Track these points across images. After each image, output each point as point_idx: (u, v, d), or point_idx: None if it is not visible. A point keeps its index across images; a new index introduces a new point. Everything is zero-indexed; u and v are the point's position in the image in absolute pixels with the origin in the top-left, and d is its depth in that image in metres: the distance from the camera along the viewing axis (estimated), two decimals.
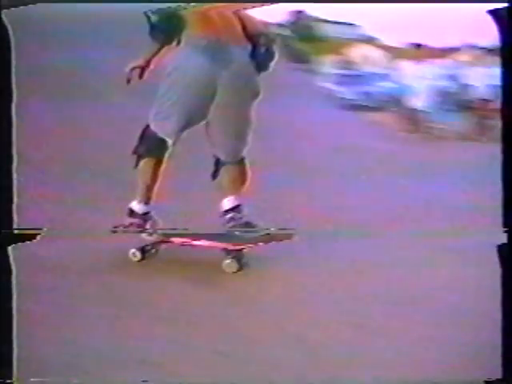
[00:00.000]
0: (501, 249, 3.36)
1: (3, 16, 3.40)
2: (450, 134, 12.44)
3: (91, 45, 6.95)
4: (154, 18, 4.71)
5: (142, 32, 4.79)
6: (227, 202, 4.95)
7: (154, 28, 4.75)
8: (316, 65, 17.73)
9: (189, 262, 4.95)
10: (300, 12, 15.37)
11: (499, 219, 3.47)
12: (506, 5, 3.44)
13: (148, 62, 4.81)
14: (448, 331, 4.17)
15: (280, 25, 14.85)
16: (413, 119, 16.19)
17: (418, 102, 16.60)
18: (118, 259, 5.01)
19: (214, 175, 5.04)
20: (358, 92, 25.29)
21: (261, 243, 4.98)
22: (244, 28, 4.92)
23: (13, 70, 3.29)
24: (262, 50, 4.88)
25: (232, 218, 4.93)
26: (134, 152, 4.93)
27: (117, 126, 6.95)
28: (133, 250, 4.99)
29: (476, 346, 3.95)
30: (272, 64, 4.94)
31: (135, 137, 5.02)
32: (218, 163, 5.01)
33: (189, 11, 4.70)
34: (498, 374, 3.37)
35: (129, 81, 4.82)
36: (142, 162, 4.95)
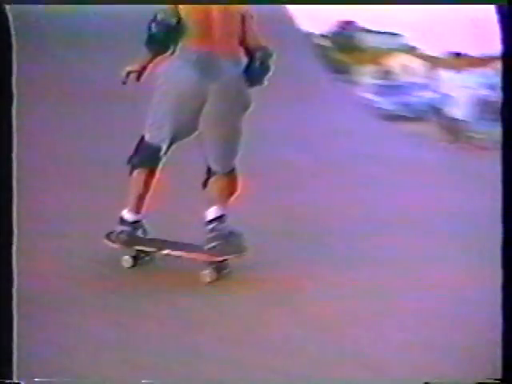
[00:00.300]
0: None
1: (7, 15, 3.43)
2: (490, 144, 12.33)
3: (92, 45, 6.93)
4: (153, 29, 4.80)
5: (142, 33, 4.86)
6: (211, 212, 4.96)
7: (151, 38, 4.84)
8: (355, 75, 17.72)
9: (177, 270, 4.99)
10: (346, 22, 15.41)
11: None
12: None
13: (144, 68, 4.91)
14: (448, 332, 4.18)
15: (322, 35, 14.87)
16: (453, 129, 16.08)
17: (458, 112, 16.47)
18: (111, 265, 5.05)
19: (205, 184, 5.07)
20: (398, 102, 25.26)
21: (236, 255, 4.97)
22: (244, 40, 4.99)
23: (13, 70, 3.30)
24: (257, 64, 4.96)
25: (213, 229, 4.92)
26: (129, 162, 5.01)
27: (115, 125, 7.00)
28: (126, 257, 5.04)
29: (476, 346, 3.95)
30: (266, 78, 5.03)
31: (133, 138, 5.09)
32: (209, 172, 5.06)
33: (190, 19, 4.80)
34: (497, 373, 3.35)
35: (124, 83, 4.90)
36: (135, 172, 4.99)
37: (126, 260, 5.03)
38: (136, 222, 5.05)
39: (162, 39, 4.82)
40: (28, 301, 3.58)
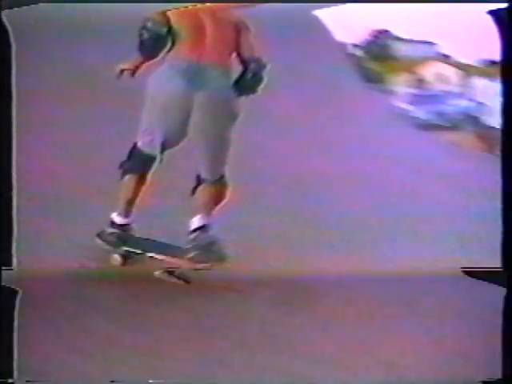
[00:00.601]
0: None
1: (3, 17, 3.40)
2: None
3: (90, 45, 7.00)
4: (144, 35, 4.93)
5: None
6: (194, 222, 5.11)
7: (141, 44, 4.97)
8: (389, 84, 17.60)
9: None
10: (379, 31, 15.28)
11: None
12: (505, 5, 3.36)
13: (137, 67, 5.04)
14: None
15: (354, 45, 14.79)
16: (489, 138, 15.85)
17: (494, 120, 16.23)
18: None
19: (194, 191, 5.18)
20: (432, 111, 25.05)
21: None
22: (238, 51, 5.09)
23: (13, 70, 3.33)
24: (250, 75, 5.05)
25: (195, 239, 5.07)
26: (120, 167, 5.15)
27: (113, 125, 6.90)
28: (115, 256, 5.21)
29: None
30: (259, 88, 5.11)
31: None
32: (198, 179, 5.17)
33: (181, 26, 4.94)
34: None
35: (119, 77, 5.02)
36: (126, 177, 5.13)
37: (115, 258, 5.22)
38: (125, 225, 5.20)
39: (152, 47, 4.94)
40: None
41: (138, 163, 5.06)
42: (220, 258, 5.07)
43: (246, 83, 5.04)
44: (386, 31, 15.75)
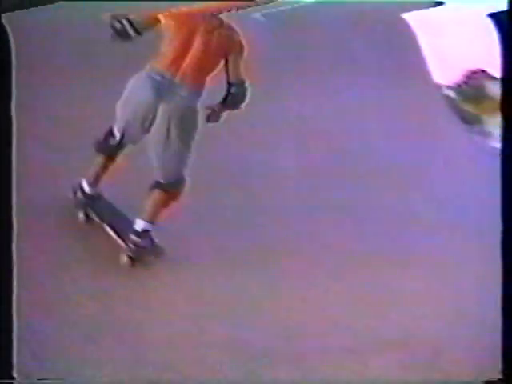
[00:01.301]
0: None
1: (3, 20, 3.43)
2: None
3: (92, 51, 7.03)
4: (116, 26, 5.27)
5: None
6: (137, 224, 5.48)
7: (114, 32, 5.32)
8: (487, 125, 17.15)
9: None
10: (473, 72, 15.07)
11: None
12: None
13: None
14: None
15: (448, 87, 14.62)
16: None
17: None
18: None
19: (151, 188, 5.51)
20: None
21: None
22: (226, 72, 5.42)
23: (13, 70, 3.35)
24: (230, 97, 5.42)
25: (134, 242, 5.43)
26: (94, 145, 5.60)
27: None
28: (80, 214, 5.69)
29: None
30: (242, 105, 5.49)
31: None
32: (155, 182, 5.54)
33: (170, 34, 5.27)
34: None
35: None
36: (97, 155, 5.64)
37: (80, 216, 5.71)
38: (90, 194, 5.70)
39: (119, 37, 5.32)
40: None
41: (106, 145, 5.55)
42: (156, 257, 5.49)
43: (229, 101, 5.43)
44: (483, 71, 15.45)
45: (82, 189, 5.71)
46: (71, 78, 6.09)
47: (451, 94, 15.28)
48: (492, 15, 4.83)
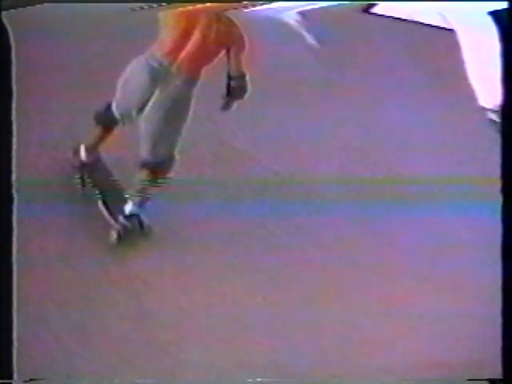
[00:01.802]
0: None
1: (3, 17, 3.43)
2: None
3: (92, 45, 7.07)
4: None
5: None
6: (127, 206, 5.65)
7: None
8: None
9: None
10: None
11: None
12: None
13: None
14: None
15: (492, 110, 14.43)
16: None
17: None
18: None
19: (140, 168, 5.65)
20: None
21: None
22: (227, 65, 5.50)
23: (13, 70, 3.35)
24: (230, 90, 5.51)
25: (122, 224, 5.59)
26: (94, 117, 5.76)
27: None
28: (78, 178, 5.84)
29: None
30: (243, 96, 5.57)
31: None
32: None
33: (171, 24, 5.37)
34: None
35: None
36: (96, 125, 5.81)
37: (77, 181, 5.83)
38: (85, 162, 5.86)
39: None
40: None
41: (106, 118, 5.73)
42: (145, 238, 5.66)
43: (230, 93, 5.53)
44: None
45: (77, 153, 5.88)
46: (71, 77, 6.12)
47: (495, 117, 15.09)
48: (492, 13, 4.83)
